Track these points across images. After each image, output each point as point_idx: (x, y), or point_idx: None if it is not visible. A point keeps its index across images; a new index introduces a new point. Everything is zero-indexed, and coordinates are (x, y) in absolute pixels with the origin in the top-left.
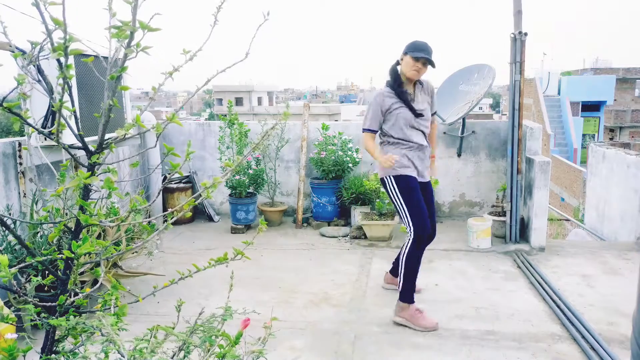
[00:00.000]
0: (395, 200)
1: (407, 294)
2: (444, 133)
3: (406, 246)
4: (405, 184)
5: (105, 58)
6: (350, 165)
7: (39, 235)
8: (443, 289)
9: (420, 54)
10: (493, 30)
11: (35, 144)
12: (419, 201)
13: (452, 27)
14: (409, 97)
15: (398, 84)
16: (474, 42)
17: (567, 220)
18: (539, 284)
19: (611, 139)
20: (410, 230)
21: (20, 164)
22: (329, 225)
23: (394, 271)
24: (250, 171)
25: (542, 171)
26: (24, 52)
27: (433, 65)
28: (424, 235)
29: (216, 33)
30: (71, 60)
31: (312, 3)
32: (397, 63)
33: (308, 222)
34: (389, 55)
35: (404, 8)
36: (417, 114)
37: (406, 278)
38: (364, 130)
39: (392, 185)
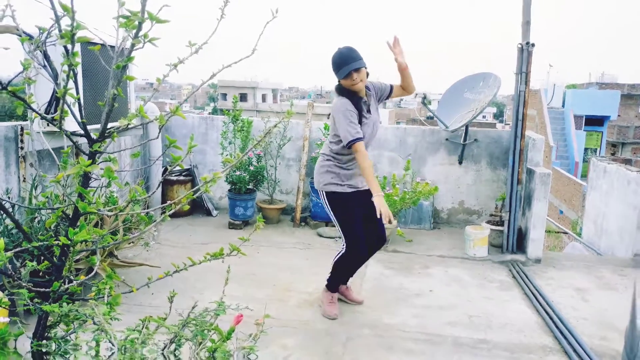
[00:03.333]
0: (329, 213)
1: (333, 285)
2: (446, 139)
3: (339, 254)
4: (337, 201)
5: (112, 47)
6: None
7: (36, 220)
8: (438, 295)
9: (348, 67)
10: (499, 40)
11: (38, 129)
12: (353, 220)
13: (459, 34)
14: (366, 107)
15: (353, 97)
16: (479, 50)
17: (565, 233)
18: (534, 295)
19: (613, 154)
20: (343, 244)
21: (22, 148)
22: (326, 225)
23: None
24: (251, 168)
25: (543, 183)
26: (31, 37)
27: (364, 66)
28: (356, 254)
29: (223, 27)
30: (78, 47)
31: (320, 2)
32: (341, 87)
33: (306, 221)
34: (393, 60)
35: (411, 11)
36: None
37: (334, 276)
38: (357, 140)
39: (325, 200)
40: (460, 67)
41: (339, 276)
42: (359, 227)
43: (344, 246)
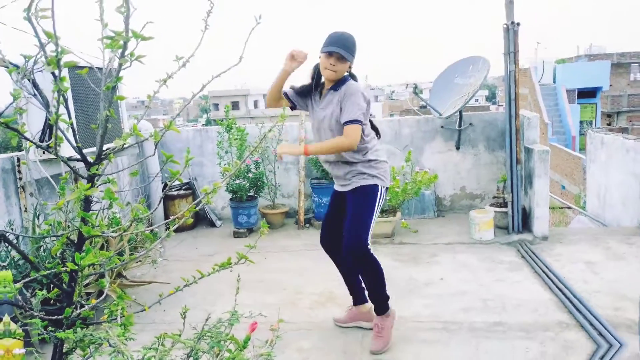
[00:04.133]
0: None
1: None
2: (441, 127)
3: None
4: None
5: (100, 69)
6: None
7: (42, 249)
8: (448, 282)
9: (331, 47)
10: (486, 22)
11: (34, 158)
12: (325, 214)
13: (445, 20)
14: (313, 100)
15: (314, 81)
16: (467, 34)
17: (569, 208)
18: (544, 272)
19: (609, 124)
20: None
21: (20, 178)
22: None
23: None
24: (250, 175)
25: (542, 160)
26: (17, 67)
27: (348, 59)
28: (321, 244)
29: (210, 38)
30: (65, 72)
31: (306, 2)
32: (315, 68)
33: (310, 222)
34: (383, 53)
35: (398, 7)
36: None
37: None
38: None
39: None
40: (449, 53)
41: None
42: (325, 221)
43: None
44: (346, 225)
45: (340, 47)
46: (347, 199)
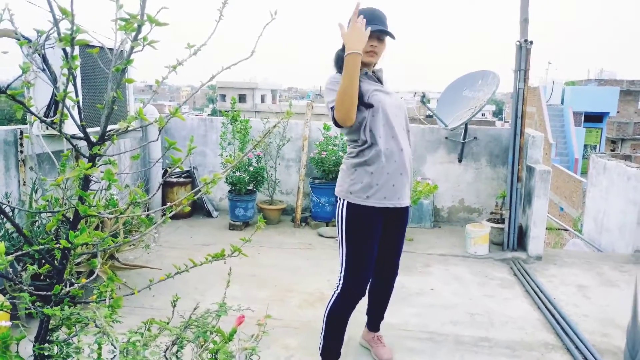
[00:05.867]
0: (339, 230)
1: (328, 350)
2: (446, 138)
3: (331, 299)
4: (357, 218)
5: (111, 50)
6: None
7: (37, 224)
8: (438, 293)
9: (373, 26)
10: (498, 37)
11: (37, 133)
12: (366, 249)
13: (458, 33)
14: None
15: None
16: (478, 49)
17: (565, 230)
18: (535, 292)
19: (613, 150)
20: (340, 279)
21: (21, 152)
22: (327, 225)
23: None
24: (251, 168)
25: (543, 180)
26: (29, 41)
27: (392, 37)
28: (353, 293)
29: (223, 29)
30: (76, 50)
31: (318, 2)
32: (343, 49)
33: (306, 221)
34: (390, 59)
35: (409, 11)
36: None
37: (326, 335)
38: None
39: (341, 211)
40: (459, 65)
41: (333, 334)
42: (369, 261)
43: (340, 282)
44: (399, 245)
45: (380, 23)
46: (398, 217)
